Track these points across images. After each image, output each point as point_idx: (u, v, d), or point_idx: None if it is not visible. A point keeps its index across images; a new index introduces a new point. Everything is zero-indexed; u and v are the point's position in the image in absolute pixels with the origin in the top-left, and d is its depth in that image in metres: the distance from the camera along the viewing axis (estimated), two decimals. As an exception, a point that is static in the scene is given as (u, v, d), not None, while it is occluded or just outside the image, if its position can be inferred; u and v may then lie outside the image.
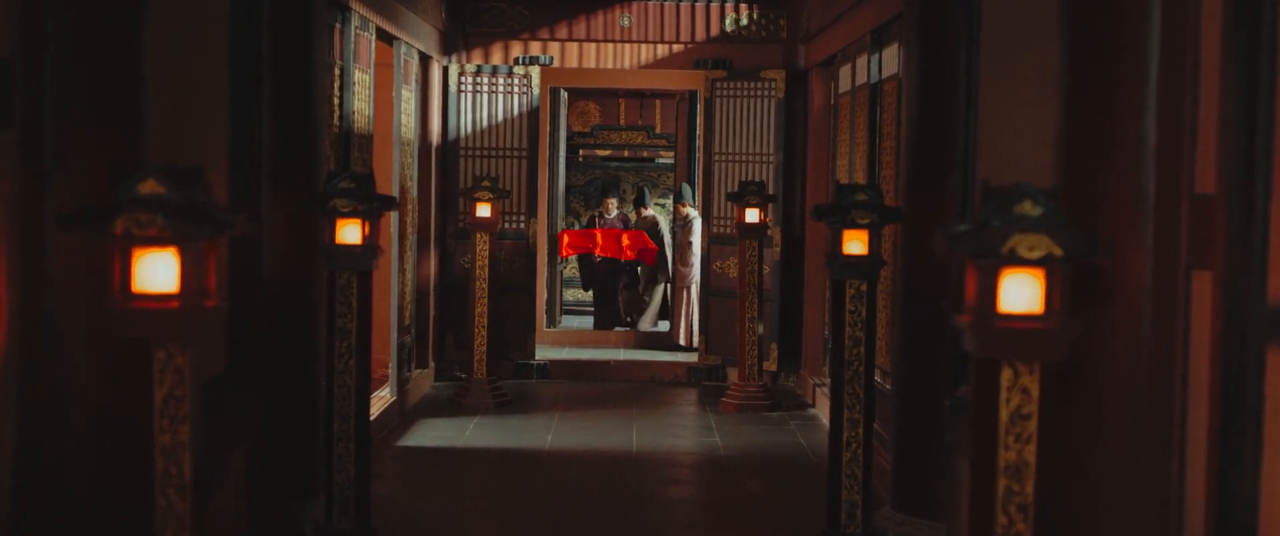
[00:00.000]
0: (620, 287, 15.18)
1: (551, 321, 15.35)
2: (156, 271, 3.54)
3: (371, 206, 6.34)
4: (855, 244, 6.51)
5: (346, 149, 8.88)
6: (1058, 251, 3.48)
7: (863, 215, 6.43)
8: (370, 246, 6.41)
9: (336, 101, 8.71)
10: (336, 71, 8.70)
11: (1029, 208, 3.52)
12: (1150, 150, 4.18)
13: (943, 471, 6.72)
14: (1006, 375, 3.57)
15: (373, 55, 9.69)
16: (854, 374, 6.58)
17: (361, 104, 9.40)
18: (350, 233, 6.42)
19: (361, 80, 9.37)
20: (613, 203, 15.31)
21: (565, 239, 15.10)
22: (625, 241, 14.81)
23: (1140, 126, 4.20)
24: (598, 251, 14.91)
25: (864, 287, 6.53)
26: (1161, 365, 4.13)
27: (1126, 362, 4.16)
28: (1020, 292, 3.55)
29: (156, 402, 3.55)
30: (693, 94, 16.27)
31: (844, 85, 11.11)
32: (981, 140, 6.30)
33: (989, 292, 3.55)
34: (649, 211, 15.24)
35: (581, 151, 20.68)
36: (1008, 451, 3.57)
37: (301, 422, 6.91)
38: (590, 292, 15.79)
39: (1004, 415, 3.57)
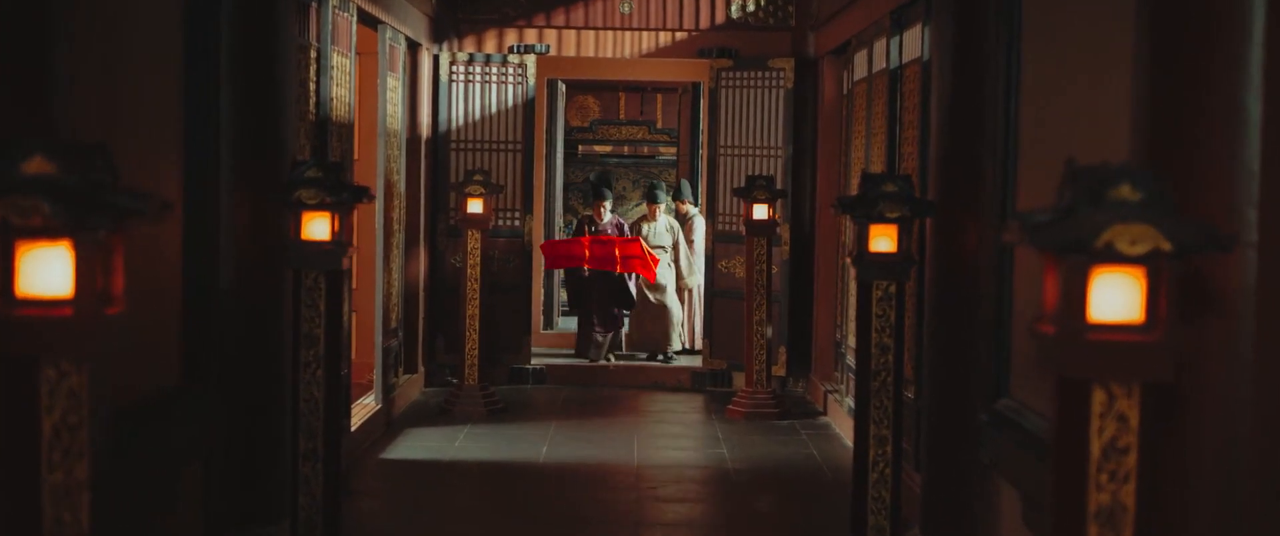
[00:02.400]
0: (605, 313, 12.69)
1: (548, 323, 14.66)
2: (45, 271, 2.85)
3: (341, 198, 5.66)
4: (883, 240, 5.83)
5: (323, 138, 8.18)
6: (1166, 245, 2.79)
7: (892, 208, 5.74)
8: (340, 243, 5.73)
9: (313, 86, 8.02)
10: (313, 54, 8.01)
11: (1127, 191, 2.82)
12: (1254, 125, 3.49)
13: (979, 494, 6.03)
14: (1099, 399, 2.88)
15: (354, 38, 9.00)
16: (881, 385, 5.90)
17: (341, 90, 8.70)
18: (318, 227, 5.73)
19: (341, 64, 8.67)
20: (606, 205, 12.90)
21: (549, 252, 12.87)
22: (618, 252, 12.46)
23: (1240, 96, 3.51)
24: (587, 264, 12.56)
25: (893, 289, 5.85)
26: (1269, 385, 3.44)
27: (1223, 382, 3.47)
28: (1116, 297, 2.86)
29: (45, 434, 2.86)
30: (696, 86, 15.60)
31: (859, 72, 10.43)
32: (1025, 122, 5.61)
33: (1077, 297, 2.85)
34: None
35: (580, 147, 20.04)
36: (1100, 492, 2.88)
37: (265, 440, 6.22)
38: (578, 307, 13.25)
39: (1095, 448, 2.89)
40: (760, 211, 10.70)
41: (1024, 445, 5.36)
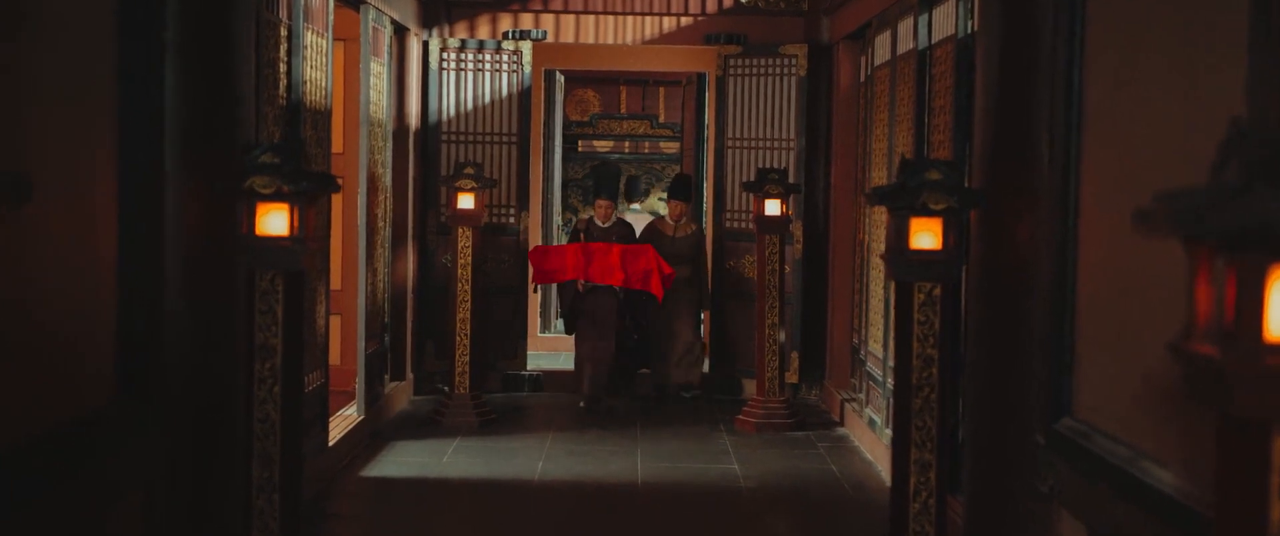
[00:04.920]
0: (606, 341, 10.61)
1: (545, 326, 13.92)
2: None
3: (300, 187, 4.88)
4: (926, 236, 5.05)
5: (295, 125, 7.41)
6: (1383, 236, 2.03)
7: (937, 199, 4.96)
8: (300, 239, 4.95)
9: (283, 67, 7.25)
10: (283, 32, 7.25)
11: (1322, 163, 2.06)
12: None
13: (1035, 526, 5.26)
14: (1280, 446, 2.13)
15: (331, 17, 8.24)
16: (924, 402, 5.12)
17: (317, 73, 7.93)
18: (275, 221, 4.96)
19: (316, 45, 7.90)
20: (608, 206, 11.02)
21: (537, 262, 10.77)
22: (623, 263, 10.44)
23: None
24: (583, 276, 10.57)
25: (938, 292, 5.07)
26: None
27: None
28: (1300, 307, 2.10)
29: None
30: (701, 77, 14.85)
31: (880, 56, 9.66)
32: (1091, 93, 4.84)
33: (1251, 307, 2.09)
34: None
35: (580, 142, 19.32)
36: (1282, 570, 2.13)
37: (216, 467, 5.45)
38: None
39: (1275, 512, 2.14)
40: (772, 207, 9.95)
41: (1093, 474, 4.60)
